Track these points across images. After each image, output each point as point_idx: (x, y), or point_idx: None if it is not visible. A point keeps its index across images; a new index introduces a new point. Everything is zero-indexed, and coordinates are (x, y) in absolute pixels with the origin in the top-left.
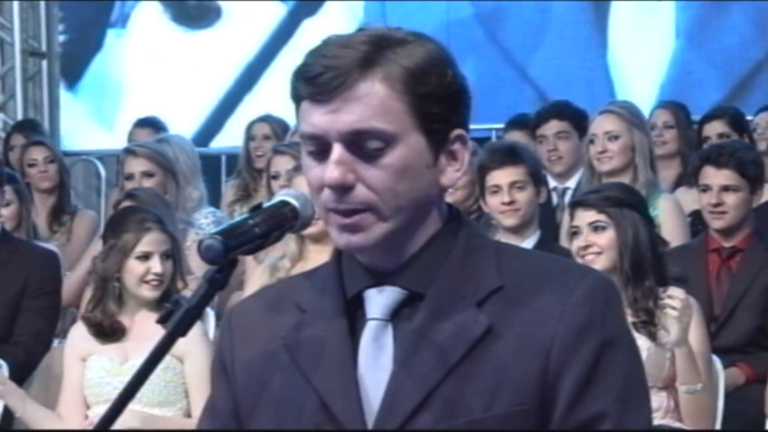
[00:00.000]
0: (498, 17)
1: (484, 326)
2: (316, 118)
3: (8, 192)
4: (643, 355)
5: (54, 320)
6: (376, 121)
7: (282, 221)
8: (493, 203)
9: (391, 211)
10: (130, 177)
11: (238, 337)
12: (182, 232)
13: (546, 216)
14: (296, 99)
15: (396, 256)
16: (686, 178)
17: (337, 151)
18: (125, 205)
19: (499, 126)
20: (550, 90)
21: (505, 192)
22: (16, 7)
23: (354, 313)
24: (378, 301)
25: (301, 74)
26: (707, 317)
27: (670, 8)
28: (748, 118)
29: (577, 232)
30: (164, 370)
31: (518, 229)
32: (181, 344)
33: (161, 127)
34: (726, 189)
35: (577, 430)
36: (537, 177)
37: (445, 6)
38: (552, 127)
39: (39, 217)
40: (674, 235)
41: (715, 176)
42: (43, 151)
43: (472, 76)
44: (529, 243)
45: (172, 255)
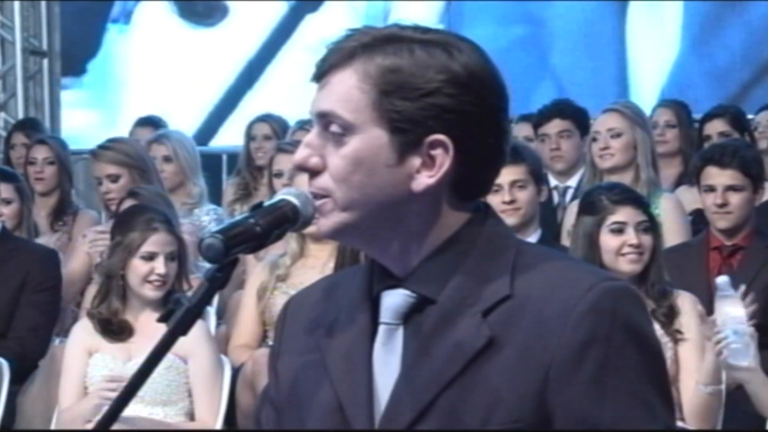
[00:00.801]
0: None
1: (486, 338)
2: (313, 99)
3: (9, 190)
4: None
5: (53, 316)
6: (338, 107)
7: (282, 220)
8: (494, 202)
9: (346, 202)
10: (98, 181)
11: (289, 328)
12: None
13: (547, 215)
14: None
15: (401, 259)
16: (687, 177)
17: (313, 132)
18: (129, 203)
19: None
20: (568, 87)
21: (506, 191)
22: (16, 6)
23: (378, 312)
24: (390, 305)
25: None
26: (707, 315)
27: (679, 8)
28: (750, 117)
29: (622, 229)
30: (167, 369)
31: (519, 228)
32: (185, 343)
33: (162, 126)
34: (730, 189)
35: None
36: (538, 176)
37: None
38: (554, 126)
39: (40, 216)
40: (675, 234)
41: (719, 176)
42: (44, 152)
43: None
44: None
45: (178, 256)
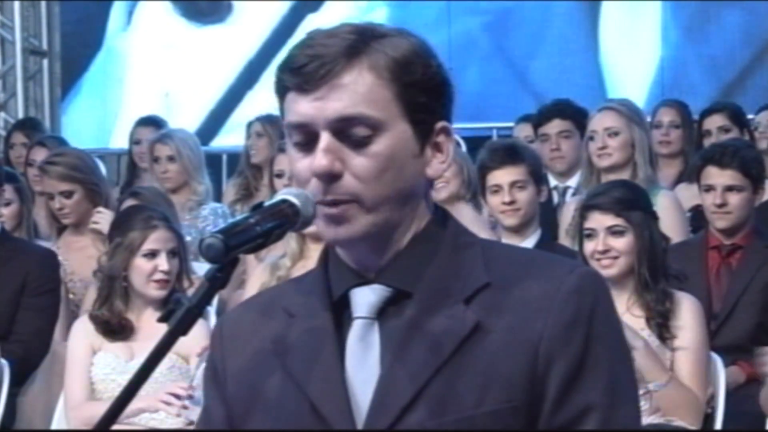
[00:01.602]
0: (499, 19)
1: (472, 323)
2: (303, 107)
3: (9, 191)
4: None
5: (53, 319)
6: (364, 108)
7: (283, 220)
8: (494, 203)
9: (376, 202)
10: (50, 196)
11: (228, 345)
12: None
13: (547, 215)
14: (282, 92)
15: (382, 252)
16: (686, 174)
17: (325, 139)
18: (129, 203)
19: (500, 125)
20: (546, 92)
21: (506, 192)
22: (17, 5)
23: (341, 314)
24: (364, 299)
25: (287, 65)
26: (707, 315)
27: (657, 8)
28: (750, 116)
29: (591, 235)
30: (170, 369)
31: (519, 229)
32: (187, 344)
33: (162, 126)
34: (730, 189)
35: (565, 426)
36: (537, 176)
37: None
38: (555, 126)
39: (39, 216)
40: (673, 232)
41: (719, 176)
42: (44, 154)
43: (472, 76)
44: (529, 242)
45: (178, 253)
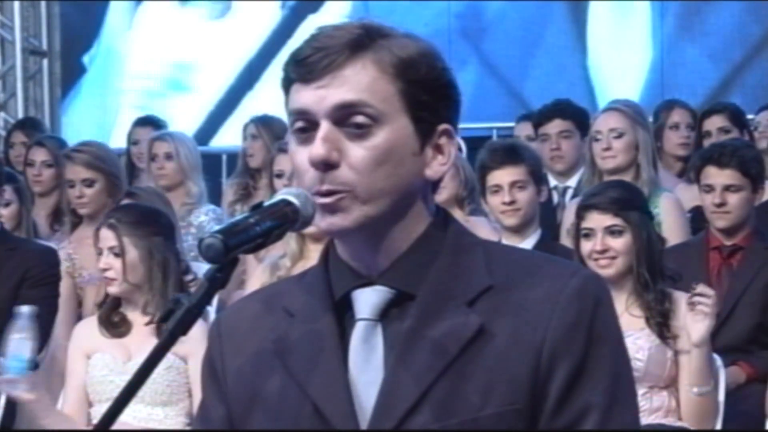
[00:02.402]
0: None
1: (476, 326)
2: (305, 96)
3: (8, 192)
4: (646, 354)
5: (52, 310)
6: (366, 96)
7: (282, 220)
8: (494, 203)
9: (371, 194)
10: (70, 184)
11: (227, 343)
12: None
13: (547, 215)
14: (287, 84)
15: (380, 250)
16: (685, 175)
17: (325, 127)
18: (126, 202)
19: (500, 125)
20: (533, 97)
21: (506, 192)
22: (16, 5)
23: (342, 315)
24: (367, 301)
25: (292, 58)
26: None
27: (646, 10)
28: (750, 116)
29: (589, 235)
30: (167, 369)
31: (519, 229)
32: (185, 343)
33: (162, 126)
34: (729, 189)
35: (566, 427)
36: (537, 176)
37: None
38: (555, 126)
39: (39, 216)
40: (675, 233)
41: (718, 176)
42: (42, 155)
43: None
44: (529, 242)
45: (121, 253)
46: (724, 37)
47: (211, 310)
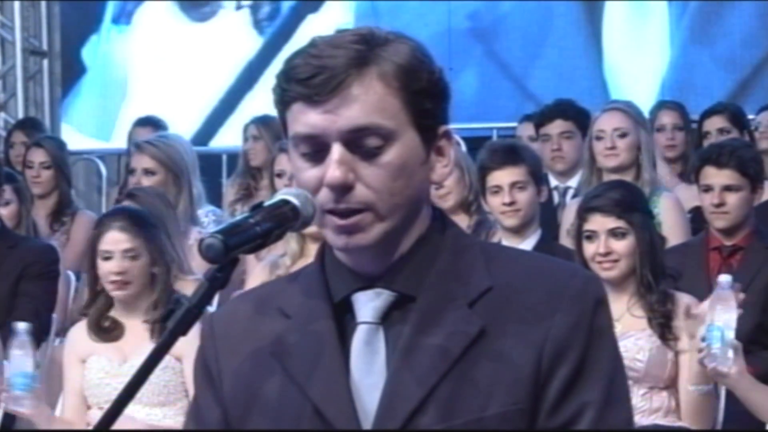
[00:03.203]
0: (495, 25)
1: (478, 327)
2: (313, 118)
3: (8, 191)
4: (646, 355)
5: (51, 305)
6: (376, 117)
7: (282, 220)
8: (494, 203)
9: (389, 210)
10: (132, 171)
11: (222, 344)
12: (183, 233)
13: (547, 215)
14: (286, 101)
15: (387, 257)
16: (685, 175)
17: (338, 150)
18: (124, 204)
19: (500, 125)
20: (546, 96)
21: (506, 192)
22: (17, 6)
23: (341, 318)
24: (368, 304)
25: (292, 76)
26: None
27: (664, 9)
28: (750, 117)
29: (592, 237)
30: (163, 369)
31: (519, 229)
32: (180, 344)
33: (161, 126)
34: (728, 189)
35: (563, 426)
36: (538, 176)
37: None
38: (557, 127)
39: (39, 216)
40: (675, 233)
41: (717, 176)
42: (42, 156)
43: (469, 78)
44: (530, 242)
45: (141, 254)
46: (741, 39)
47: (212, 311)
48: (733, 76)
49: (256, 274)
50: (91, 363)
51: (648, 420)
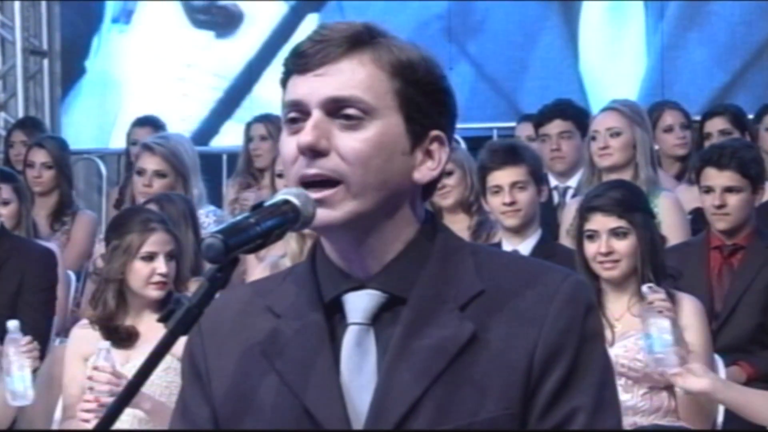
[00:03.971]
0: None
1: (470, 331)
2: (299, 86)
3: (7, 191)
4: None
5: (50, 316)
6: (359, 92)
7: (283, 220)
8: (495, 204)
9: (361, 187)
10: (141, 172)
11: (210, 342)
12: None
13: (547, 215)
14: (285, 78)
15: (367, 251)
16: (686, 176)
17: (316, 115)
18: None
19: (500, 125)
20: (525, 103)
21: (506, 192)
22: (17, 5)
23: (331, 318)
24: (358, 305)
25: (292, 51)
26: (709, 315)
27: (640, 12)
28: (750, 116)
29: (593, 237)
30: (165, 370)
31: (519, 229)
32: (181, 344)
33: (160, 126)
34: (728, 190)
35: (554, 429)
36: (538, 176)
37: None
38: (556, 127)
39: (39, 216)
40: (674, 233)
41: (717, 177)
42: (43, 156)
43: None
44: (530, 242)
45: (176, 256)
46: (725, 39)
47: None
48: (718, 77)
49: (257, 274)
50: (93, 362)
51: (648, 420)
